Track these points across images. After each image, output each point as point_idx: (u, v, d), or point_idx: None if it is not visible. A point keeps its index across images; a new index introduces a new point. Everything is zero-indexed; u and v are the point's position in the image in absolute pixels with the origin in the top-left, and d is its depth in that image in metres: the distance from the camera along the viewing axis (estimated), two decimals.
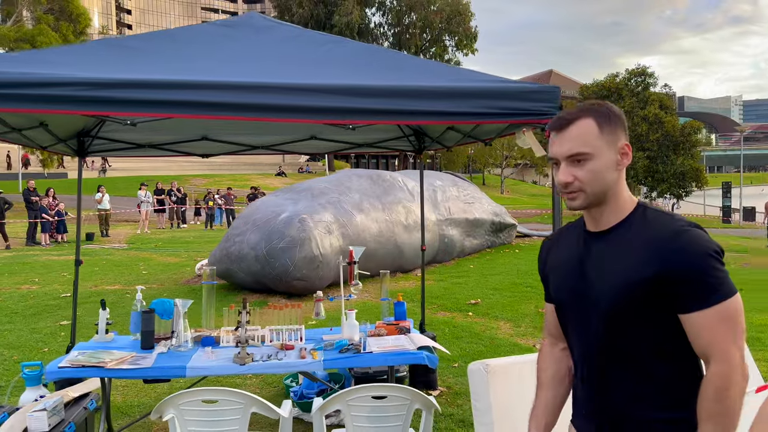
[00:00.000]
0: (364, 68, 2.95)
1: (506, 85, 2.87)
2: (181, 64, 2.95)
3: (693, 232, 1.48)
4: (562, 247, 1.77)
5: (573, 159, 1.55)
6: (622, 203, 1.60)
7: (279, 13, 52.88)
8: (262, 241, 9.10)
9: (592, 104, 1.59)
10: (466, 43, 55.88)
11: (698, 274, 1.43)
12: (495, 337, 6.97)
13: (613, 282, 1.53)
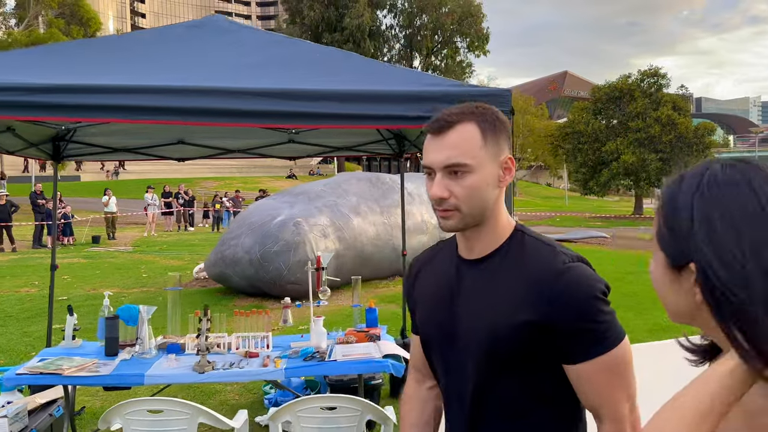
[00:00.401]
0: (321, 71, 2.88)
1: (455, 88, 2.78)
2: (125, 69, 2.89)
3: (577, 270, 1.29)
4: (433, 271, 1.51)
5: (450, 170, 1.30)
6: (501, 227, 1.38)
7: (290, 16, 53.05)
8: (257, 244, 9.05)
9: (476, 107, 1.36)
10: (478, 44, 55.66)
11: (582, 322, 1.25)
12: None
13: (485, 323, 1.32)
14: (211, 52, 3.05)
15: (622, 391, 1.29)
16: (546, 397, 1.33)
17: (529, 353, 1.29)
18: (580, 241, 19.52)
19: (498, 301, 1.32)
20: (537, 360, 1.30)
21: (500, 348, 1.30)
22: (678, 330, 4.30)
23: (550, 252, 1.33)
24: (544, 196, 73.40)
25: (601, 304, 1.29)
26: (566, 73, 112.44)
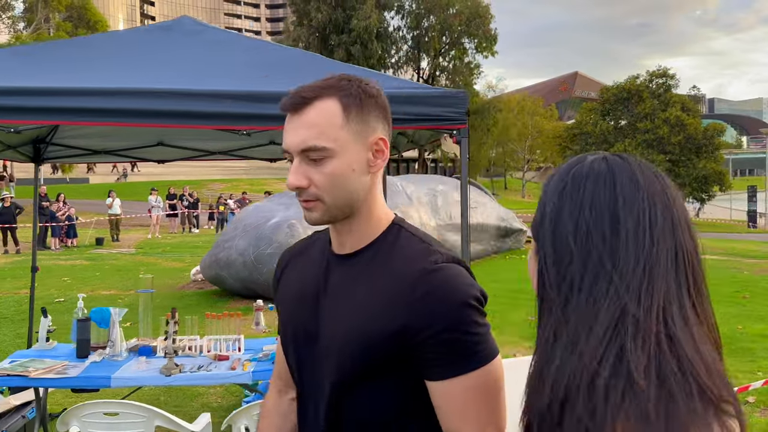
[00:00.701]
0: (276, 72, 2.84)
1: (411, 90, 2.74)
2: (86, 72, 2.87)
3: (447, 272, 1.12)
4: (303, 265, 1.34)
5: (307, 155, 1.13)
6: (375, 220, 1.21)
7: (298, 18, 53.16)
8: (250, 246, 9.04)
9: (340, 79, 1.17)
10: (486, 45, 55.48)
11: (446, 333, 1.08)
12: None
13: (346, 327, 1.16)
14: (172, 54, 3.03)
15: (488, 419, 1.11)
16: (409, 410, 1.16)
17: (389, 362, 1.13)
18: None
19: (361, 303, 1.16)
20: (399, 370, 1.13)
21: (358, 355, 1.14)
22: None
23: (422, 250, 1.17)
24: None
25: (472, 313, 1.10)
26: (577, 73, 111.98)
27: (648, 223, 0.79)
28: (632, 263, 0.78)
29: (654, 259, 0.78)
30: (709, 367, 0.75)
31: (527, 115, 64.47)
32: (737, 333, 7.22)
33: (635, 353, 0.74)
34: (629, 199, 0.81)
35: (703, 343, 0.78)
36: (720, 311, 8.34)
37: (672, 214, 0.81)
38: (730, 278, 11.47)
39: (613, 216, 0.80)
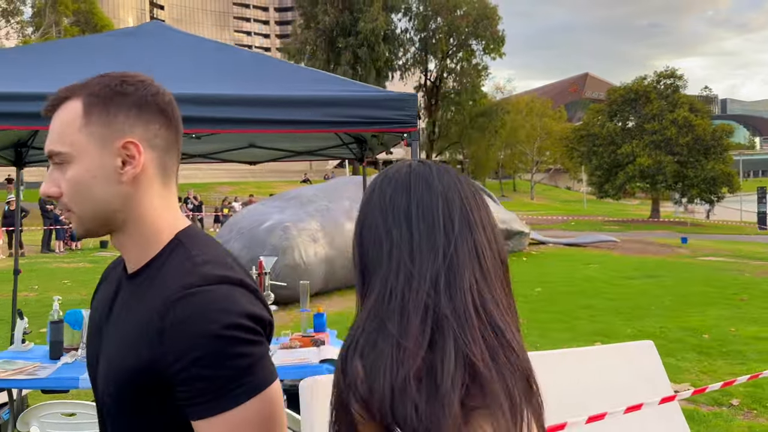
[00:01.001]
0: (230, 76, 2.86)
1: (360, 93, 2.74)
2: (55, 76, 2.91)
3: (203, 296, 0.96)
4: (106, 283, 1.21)
5: (53, 160, 1.04)
6: (152, 235, 1.07)
7: (305, 21, 53.34)
8: (245, 249, 9.07)
9: (99, 76, 1.07)
10: (494, 46, 55.42)
11: (200, 367, 0.93)
12: None
13: (108, 360, 1.05)
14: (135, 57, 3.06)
15: None
16: None
17: (145, 399, 1.00)
18: (590, 245, 19.28)
19: (123, 331, 1.04)
20: (158, 407, 1.00)
21: (114, 390, 1.03)
22: (660, 337, 4.22)
23: (186, 270, 1.01)
24: (563, 199, 72.81)
25: (229, 343, 0.95)
26: (587, 75, 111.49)
27: (442, 223, 0.85)
28: (430, 261, 0.83)
29: (452, 257, 0.84)
30: (523, 350, 0.86)
31: (536, 116, 64.33)
32: (729, 335, 7.16)
33: (471, 345, 0.80)
34: (424, 202, 0.87)
35: (516, 330, 0.88)
36: (714, 314, 8.31)
37: (468, 216, 0.87)
38: (731, 280, 11.39)
39: (407, 218, 0.86)
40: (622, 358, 3.58)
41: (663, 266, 13.60)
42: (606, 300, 9.29)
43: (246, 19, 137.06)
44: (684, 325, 7.70)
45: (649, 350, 3.63)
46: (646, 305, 8.91)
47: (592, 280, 11.14)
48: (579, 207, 58.41)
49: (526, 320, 8.06)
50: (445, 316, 0.81)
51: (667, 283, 10.85)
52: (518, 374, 0.82)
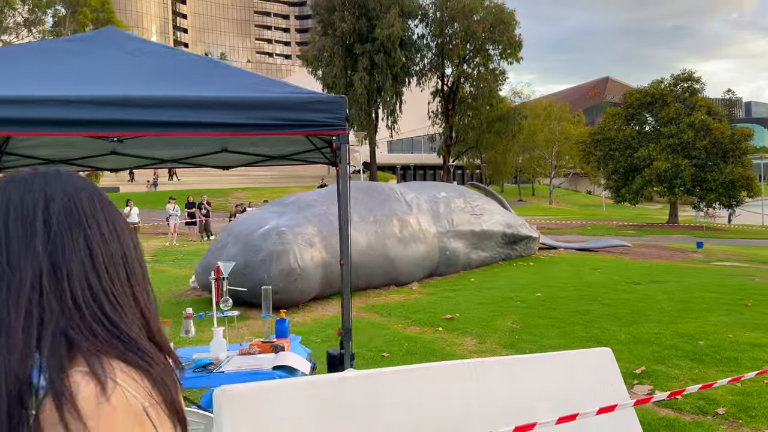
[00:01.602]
0: (167, 78, 2.85)
1: (287, 95, 2.71)
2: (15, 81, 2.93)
3: None
4: None
5: None
6: None
7: (323, 28, 53.57)
8: (240, 254, 9.09)
9: None
10: (511, 51, 55.14)
11: None
12: (451, 354, 6.71)
13: None
14: (82, 63, 3.08)
15: None
16: None
17: None
18: (602, 250, 19.05)
19: None
20: None
21: None
22: (654, 343, 4.15)
23: None
24: (582, 204, 72.16)
25: None
26: (608, 78, 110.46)
27: (42, 224, 0.85)
28: (29, 262, 0.83)
29: (56, 255, 0.84)
30: (155, 350, 0.88)
31: (554, 120, 63.90)
32: (725, 342, 6.99)
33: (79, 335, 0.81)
34: (23, 204, 0.87)
35: (142, 326, 0.89)
36: (715, 320, 8.13)
37: (78, 216, 0.88)
38: (739, 286, 11.15)
39: (4, 221, 0.85)
40: (577, 366, 3.50)
41: (671, 271, 13.37)
42: (605, 305, 9.14)
43: (267, 27, 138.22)
44: (681, 331, 7.55)
45: (606, 358, 3.55)
46: (646, 311, 8.75)
47: (595, 285, 10.98)
48: (598, 211, 57.78)
49: (519, 325, 7.96)
50: (51, 312, 0.81)
51: (671, 289, 10.66)
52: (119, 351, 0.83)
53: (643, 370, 6.08)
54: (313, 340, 7.40)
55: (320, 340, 7.34)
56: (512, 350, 6.89)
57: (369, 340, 7.30)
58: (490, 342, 7.24)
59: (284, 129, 2.66)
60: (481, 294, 10.25)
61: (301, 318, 8.75)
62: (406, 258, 11.18)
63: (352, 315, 4.53)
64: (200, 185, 48.68)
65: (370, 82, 51.81)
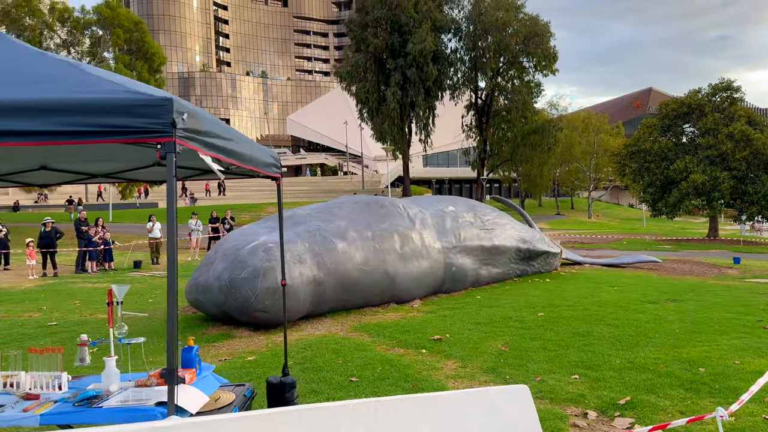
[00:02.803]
0: None
1: (100, 96, 2.39)
2: None
3: None
4: None
5: None
6: None
7: (356, 44, 53.77)
8: (226, 270, 8.86)
9: None
10: (545, 63, 54.32)
11: None
12: (425, 380, 6.29)
13: None
14: None
15: None
16: None
17: None
18: (630, 266, 18.24)
19: None
20: None
21: None
22: (650, 369, 3.64)
23: None
24: (623, 217, 70.26)
25: None
26: (651, 89, 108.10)
27: None
28: None
29: None
30: None
31: (592, 132, 62.55)
32: (730, 369, 6.38)
33: None
34: None
35: None
36: (725, 343, 7.48)
37: None
38: (763, 305, 10.38)
39: None
40: (486, 405, 3.06)
41: (695, 288, 12.61)
42: (609, 327, 8.55)
43: (306, 45, 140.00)
44: (683, 356, 6.95)
45: (521, 397, 3.10)
46: (651, 333, 8.14)
47: (606, 304, 10.37)
48: (638, 225, 56.10)
49: (508, 347, 7.48)
50: None
51: (687, 308, 9.97)
52: None
53: (629, 400, 5.55)
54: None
55: (292, 363, 7.00)
56: (492, 375, 6.42)
57: (344, 363, 6.92)
58: (471, 366, 6.78)
59: (100, 137, 2.34)
60: (481, 313, 9.76)
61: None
62: (406, 275, 10.77)
63: (337, 333, 4.16)
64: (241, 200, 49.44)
65: (403, 96, 51.63)
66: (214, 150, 2.85)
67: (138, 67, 31.95)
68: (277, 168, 4.53)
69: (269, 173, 4.31)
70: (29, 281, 16.38)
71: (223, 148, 2.95)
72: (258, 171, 4.10)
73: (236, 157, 3.21)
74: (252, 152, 3.68)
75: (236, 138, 3.28)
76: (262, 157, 4.11)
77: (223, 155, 2.96)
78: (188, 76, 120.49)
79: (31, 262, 17.18)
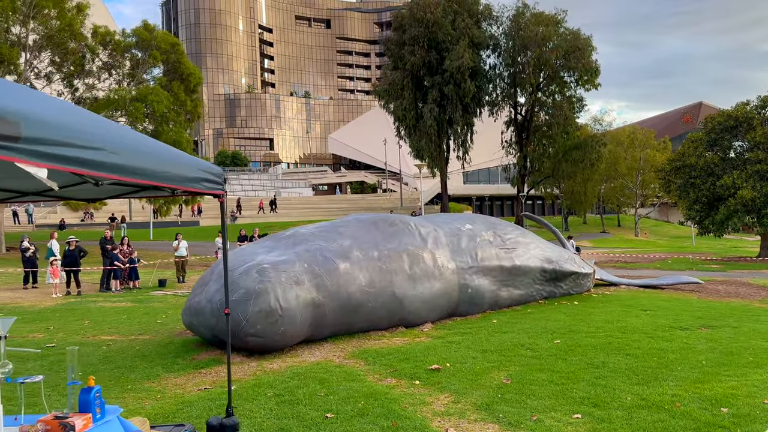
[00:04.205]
0: None
1: None
2: None
3: None
4: None
5: None
6: None
7: (393, 62, 53.67)
8: (218, 293, 8.46)
9: None
10: (587, 78, 53.11)
11: None
12: (408, 417, 5.69)
13: None
14: None
15: None
16: None
17: None
18: (669, 287, 17.18)
19: None
20: None
21: None
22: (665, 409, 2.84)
23: None
24: (672, 235, 67.76)
25: None
26: (701, 103, 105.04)
27: None
28: None
29: None
30: None
31: (637, 148, 60.72)
32: (757, 410, 5.59)
33: None
34: None
35: None
36: (757, 379, 6.64)
37: None
38: None
39: None
40: None
41: (736, 313, 11.62)
42: (629, 357, 7.79)
43: (349, 65, 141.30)
44: (706, 393, 6.17)
45: None
46: (675, 365, 7.36)
47: (631, 330, 9.56)
48: (687, 244, 53.90)
49: (510, 380, 6.82)
50: None
51: (721, 336, 9.09)
52: None
53: None
54: (265, 393, 6.57)
55: (272, 394, 6.50)
56: (485, 413, 5.79)
57: (325, 396, 6.39)
58: (465, 401, 6.16)
59: None
60: (492, 339, 9.10)
61: (277, 365, 7.95)
62: (416, 297, 10.20)
63: (332, 360, 3.69)
64: (289, 218, 49.83)
65: (440, 113, 51.15)
66: (58, 161, 2.42)
67: (174, 88, 32.39)
68: (212, 183, 4.07)
69: (199, 190, 3.85)
70: (51, 300, 16.40)
71: (78, 159, 2.53)
72: (174, 187, 3.65)
73: (108, 170, 2.78)
74: (160, 166, 3.24)
75: (121, 149, 2.85)
76: (180, 171, 3.65)
77: (79, 167, 2.54)
78: (234, 97, 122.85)
79: (54, 280, 17.24)
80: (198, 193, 4.02)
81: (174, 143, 31.32)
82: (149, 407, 6.19)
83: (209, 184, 4.04)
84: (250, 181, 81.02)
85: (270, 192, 72.79)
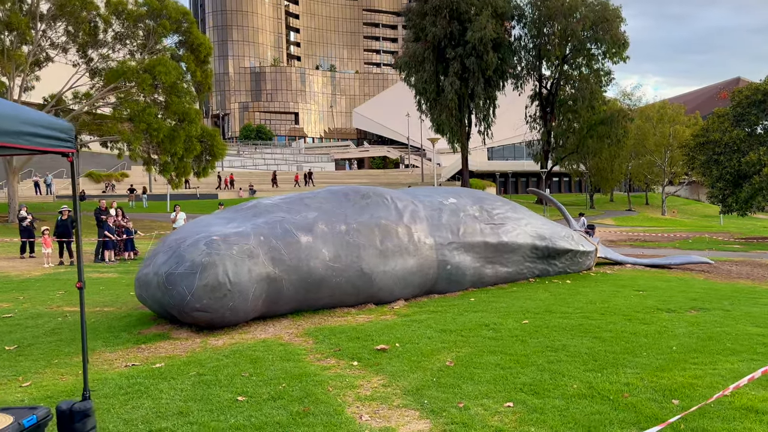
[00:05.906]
0: None
1: None
2: None
3: None
4: None
5: None
6: None
7: (414, 33, 52.53)
8: (165, 264, 8.07)
9: None
10: (615, 50, 51.40)
11: None
12: (324, 402, 5.23)
13: None
14: None
15: None
16: None
17: None
18: (677, 267, 16.38)
19: None
20: None
21: None
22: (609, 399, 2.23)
23: None
24: (702, 214, 65.86)
25: None
26: (738, 79, 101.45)
27: None
28: None
29: None
30: None
31: (666, 123, 58.78)
32: (714, 403, 4.99)
33: None
34: None
35: None
36: (727, 368, 5.98)
37: None
38: None
39: None
40: None
41: (736, 295, 10.88)
42: (595, 340, 7.20)
43: (375, 38, 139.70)
44: (664, 382, 5.58)
45: None
46: (642, 349, 6.75)
47: (610, 312, 8.94)
48: (714, 223, 52.26)
49: (455, 362, 6.31)
50: None
51: (707, 319, 8.42)
52: None
53: None
54: (189, 372, 6.17)
55: (194, 373, 6.09)
56: (411, 398, 5.29)
57: (249, 377, 5.96)
58: (396, 385, 5.67)
59: None
60: (459, 318, 8.57)
61: (222, 341, 7.55)
62: (386, 273, 9.69)
63: (280, 338, 3.26)
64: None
65: (462, 86, 50.00)
66: None
67: (184, 59, 32.05)
68: (58, 141, 3.59)
69: (43, 148, 3.38)
70: (42, 269, 16.31)
71: None
72: (11, 146, 3.18)
73: None
74: None
75: None
76: (19, 127, 3.17)
77: None
78: (259, 70, 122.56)
79: (46, 250, 17.15)
80: (43, 151, 3.57)
81: (183, 114, 31.05)
82: (62, 384, 5.84)
83: (54, 141, 3.58)
84: (273, 156, 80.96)
85: (292, 167, 72.61)
